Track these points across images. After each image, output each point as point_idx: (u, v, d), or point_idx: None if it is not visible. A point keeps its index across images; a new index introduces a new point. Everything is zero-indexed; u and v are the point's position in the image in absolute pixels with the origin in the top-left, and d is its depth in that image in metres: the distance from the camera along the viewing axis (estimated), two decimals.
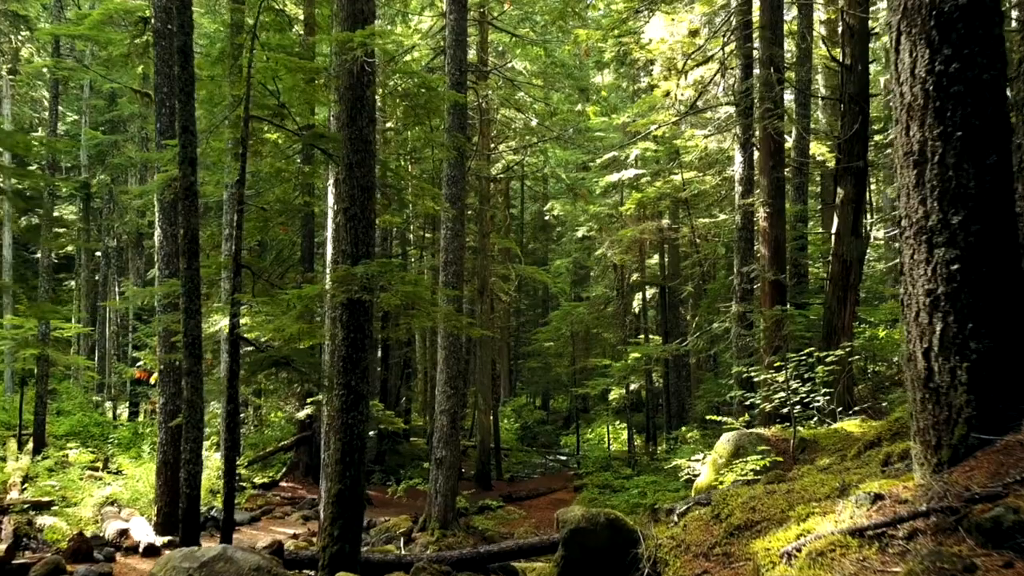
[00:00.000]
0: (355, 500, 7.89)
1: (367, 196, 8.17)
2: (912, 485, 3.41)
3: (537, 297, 44.83)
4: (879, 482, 3.54)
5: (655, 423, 27.89)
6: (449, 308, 8.32)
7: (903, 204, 3.74)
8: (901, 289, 3.81)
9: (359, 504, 7.94)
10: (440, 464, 15.23)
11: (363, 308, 7.90)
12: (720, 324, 15.17)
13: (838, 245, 13.43)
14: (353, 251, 8.00)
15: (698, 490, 9.95)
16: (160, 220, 13.45)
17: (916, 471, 3.56)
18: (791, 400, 9.51)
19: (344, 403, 7.93)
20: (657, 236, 24.26)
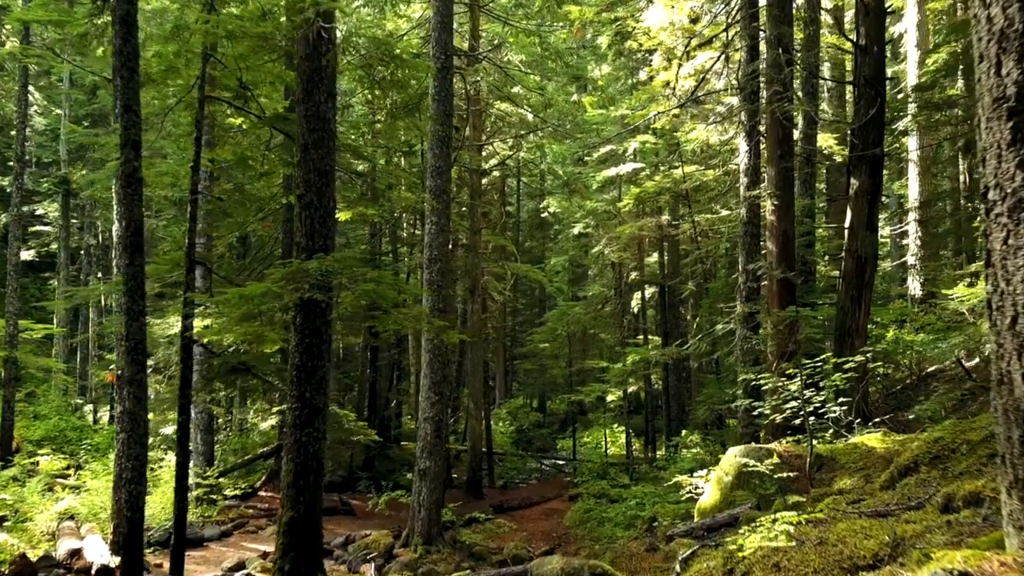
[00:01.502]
0: (310, 529, 6.88)
1: (325, 181, 7.17)
2: (1010, 559, 2.44)
3: (534, 296, 43.79)
4: (959, 555, 2.56)
5: (654, 426, 26.86)
6: (421, 309, 7.32)
7: (990, 170, 2.74)
8: (987, 286, 2.80)
9: (315, 534, 6.94)
10: (424, 475, 14.23)
11: (319, 309, 6.91)
12: (723, 326, 14.16)
13: (852, 240, 12.43)
14: (309, 244, 7.01)
15: (701, 511, 8.94)
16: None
17: (1011, 536, 2.59)
18: (805, 411, 8.50)
19: (298, 418, 6.93)
20: (656, 233, 23.23)
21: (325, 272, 6.63)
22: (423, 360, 14.43)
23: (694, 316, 25.04)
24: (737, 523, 7.63)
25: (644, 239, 24.83)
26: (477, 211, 21.35)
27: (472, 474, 21.18)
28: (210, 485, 15.39)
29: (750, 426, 12.47)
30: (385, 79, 8.67)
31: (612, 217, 25.22)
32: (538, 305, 43.39)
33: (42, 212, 36.21)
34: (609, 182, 25.34)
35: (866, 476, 7.51)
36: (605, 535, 16.07)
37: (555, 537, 17.10)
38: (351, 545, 13.97)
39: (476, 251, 21.12)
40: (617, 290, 27.38)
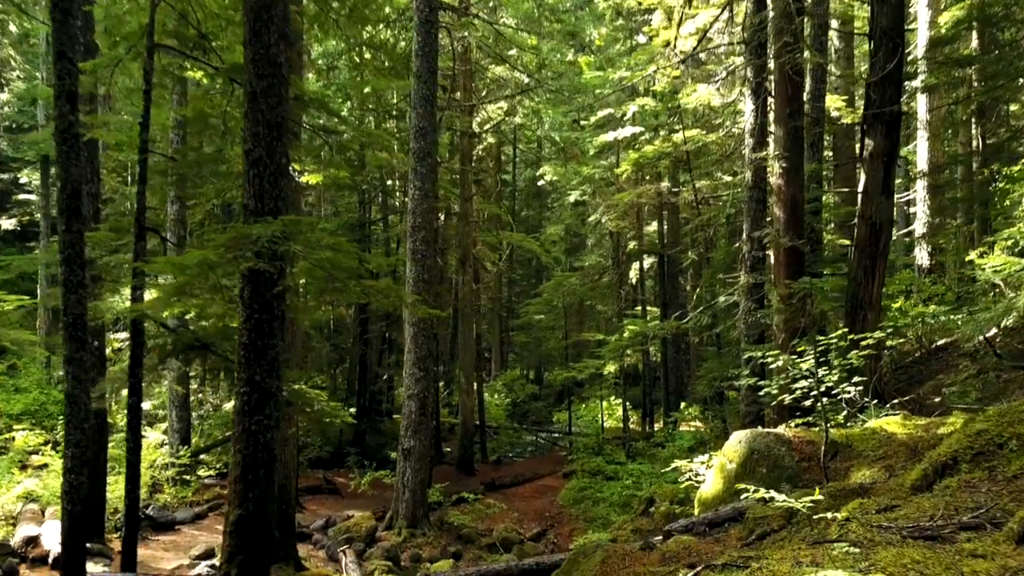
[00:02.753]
0: (261, 529, 6.09)
1: (275, 135, 6.27)
2: None
3: (531, 267, 42.87)
4: None
5: (652, 399, 26.13)
6: (386, 281, 6.48)
7: None
8: None
9: (266, 534, 6.14)
10: (408, 455, 13.49)
11: (271, 282, 6.06)
12: (726, 298, 13.31)
13: (865, 206, 11.53)
14: (257, 206, 6.13)
15: (702, 502, 8.15)
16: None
17: None
18: (818, 393, 7.67)
19: (246, 404, 6.11)
20: (656, 200, 22.30)
21: (273, 238, 5.76)
22: (407, 334, 13.62)
23: (694, 287, 24.17)
24: (743, 518, 6.84)
25: (643, 207, 23.91)
26: (468, 177, 20.40)
27: (463, 450, 20.47)
28: (184, 465, 14.64)
29: (753, 404, 11.69)
30: (342, 15, 7.72)
31: (610, 184, 24.28)
32: (535, 276, 42.50)
33: (25, 180, 35.17)
34: (607, 147, 24.33)
35: (888, 467, 6.71)
36: (599, 515, 15.38)
37: (548, 517, 16.41)
38: (331, 528, 13.25)
39: (467, 219, 20.21)
40: (615, 260, 26.50)
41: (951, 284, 19.14)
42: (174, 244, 8.36)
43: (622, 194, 21.49)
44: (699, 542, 6.62)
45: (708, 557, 6.16)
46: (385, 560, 11.76)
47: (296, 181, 10.44)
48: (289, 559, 10.43)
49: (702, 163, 19.89)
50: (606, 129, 23.28)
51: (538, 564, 7.20)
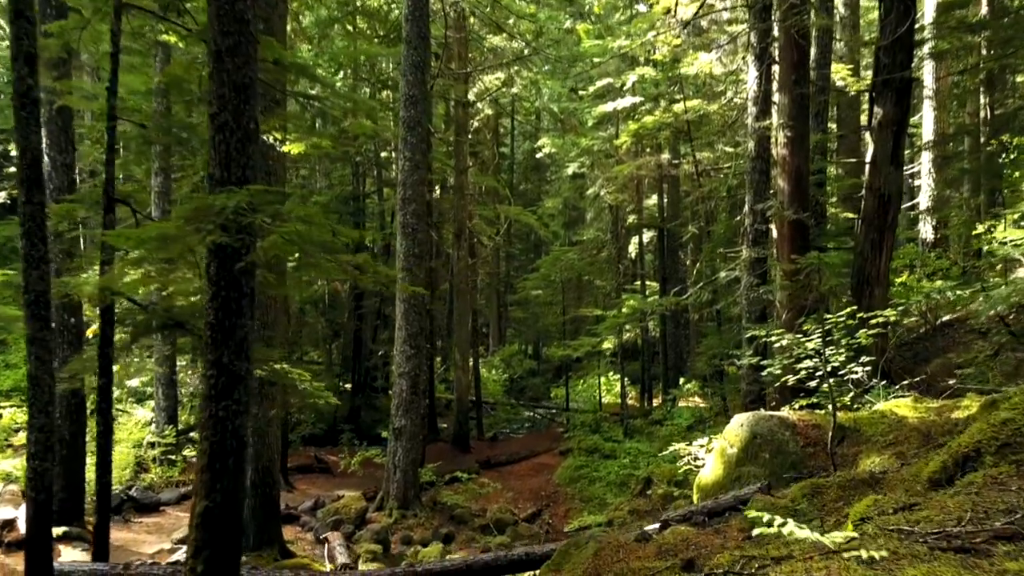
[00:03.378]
0: (229, 522, 5.69)
1: (243, 98, 5.78)
2: None
3: (530, 241, 42.33)
4: None
5: (651, 375, 25.77)
6: (364, 257, 6.01)
7: None
8: None
9: (235, 528, 5.75)
10: (399, 435, 13.12)
11: (238, 256, 5.62)
12: (727, 273, 12.86)
13: (874, 176, 11.05)
14: (223, 175, 5.66)
15: (702, 488, 7.77)
16: (48, 145, 11.03)
17: None
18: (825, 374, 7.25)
19: (213, 388, 5.68)
20: (655, 173, 21.77)
21: (238, 210, 5.30)
22: (398, 311, 13.21)
23: (694, 261, 23.71)
24: (745, 508, 6.45)
25: (643, 179, 23.39)
26: (464, 149, 19.87)
27: (458, 427, 20.14)
28: (170, 444, 14.28)
29: (755, 383, 11.30)
30: None
31: (609, 156, 23.74)
32: (533, 250, 42.00)
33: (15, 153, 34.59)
34: (606, 118, 23.76)
35: (899, 454, 6.32)
36: (596, 495, 15.06)
37: (543, 496, 16.09)
38: (320, 510, 12.91)
39: (463, 192, 19.71)
40: (614, 234, 26.02)
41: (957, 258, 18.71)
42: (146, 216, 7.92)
43: (621, 166, 20.97)
44: (698, 533, 6.24)
45: (708, 551, 5.78)
46: (374, 543, 11.44)
47: (278, 151, 9.96)
48: (273, 543, 10.09)
49: (703, 134, 19.35)
50: (605, 100, 22.68)
51: (528, 554, 6.84)
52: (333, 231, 5.53)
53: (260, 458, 10.10)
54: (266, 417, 10.05)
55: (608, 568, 5.99)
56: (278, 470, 10.41)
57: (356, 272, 6.05)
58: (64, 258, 10.96)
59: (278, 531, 10.31)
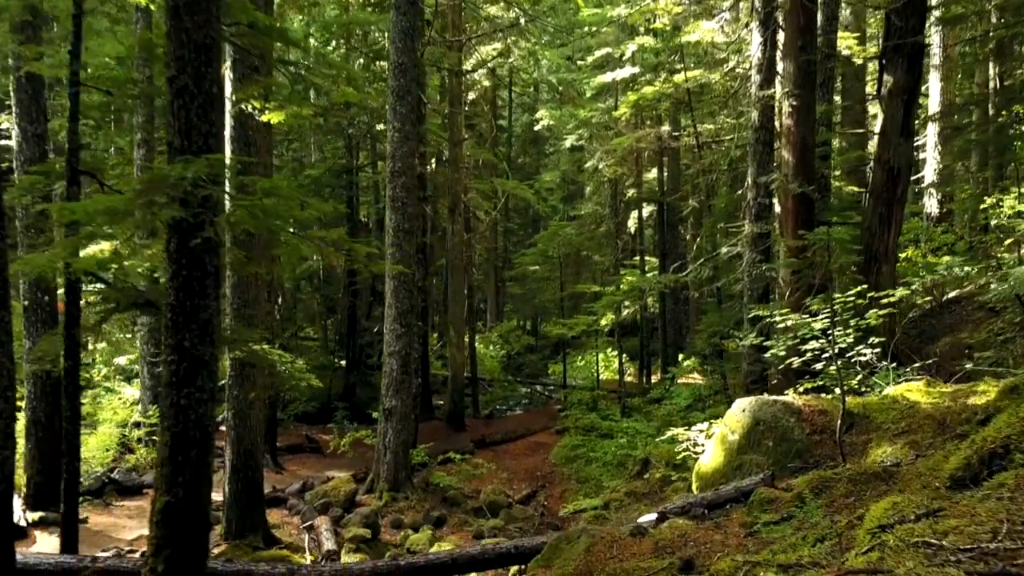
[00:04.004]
0: (194, 519, 5.30)
1: (204, 59, 5.30)
2: None
3: (528, 216, 41.72)
4: None
5: (650, 351, 25.39)
6: (339, 232, 5.56)
7: None
8: None
9: (200, 524, 5.35)
10: (390, 415, 12.75)
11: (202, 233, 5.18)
12: (729, 249, 12.41)
13: (883, 148, 10.59)
14: (183, 144, 5.19)
15: (701, 476, 7.38)
16: (18, 115, 10.52)
17: None
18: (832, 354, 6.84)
19: (174, 375, 5.26)
20: (655, 145, 21.21)
21: (196, 181, 4.85)
22: (387, 288, 12.78)
23: (695, 236, 23.24)
24: (746, 499, 6.07)
25: (642, 152, 22.82)
26: (458, 120, 19.31)
27: (453, 406, 19.78)
28: (155, 425, 13.87)
29: (756, 363, 10.88)
30: None
31: (607, 128, 23.18)
32: (532, 225, 41.43)
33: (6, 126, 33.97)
34: (605, 89, 23.17)
35: (912, 444, 5.91)
36: (592, 476, 14.72)
37: (539, 477, 15.76)
38: (308, 492, 12.56)
39: (457, 165, 19.19)
40: (613, 208, 25.53)
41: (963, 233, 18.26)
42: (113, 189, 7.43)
43: (620, 139, 20.43)
44: (697, 528, 5.86)
45: (708, 549, 5.39)
46: (363, 528, 11.08)
47: (257, 120, 9.46)
48: (257, 529, 9.74)
49: (704, 104, 18.78)
50: (604, 70, 22.08)
51: (516, 548, 6.46)
52: (302, 204, 5.07)
53: (242, 441, 9.72)
54: (247, 399, 9.65)
55: (601, 567, 5.60)
56: (261, 453, 10.04)
57: (331, 249, 5.61)
58: (35, 233, 10.49)
59: (262, 516, 9.95)
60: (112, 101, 7.65)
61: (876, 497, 4.96)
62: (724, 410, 14.58)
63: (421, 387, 20.35)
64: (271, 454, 14.94)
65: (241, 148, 9.66)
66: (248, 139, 9.68)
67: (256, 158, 9.87)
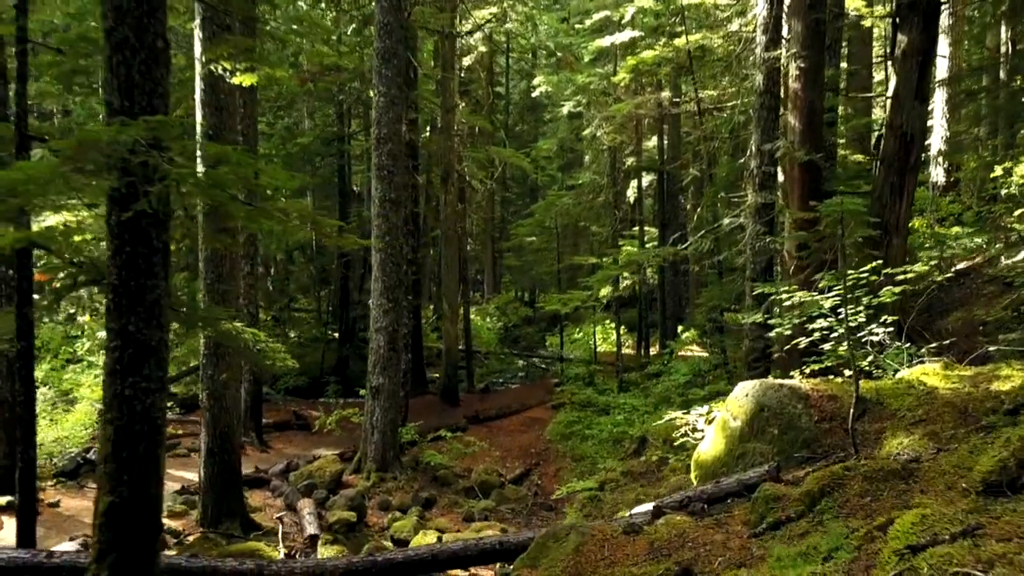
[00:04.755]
0: (140, 521, 4.81)
1: (147, 10, 4.71)
2: None
3: (526, 185, 40.99)
4: None
5: (648, 323, 24.89)
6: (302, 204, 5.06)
7: None
8: None
9: (148, 528, 4.87)
10: (377, 393, 12.29)
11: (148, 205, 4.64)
12: (731, 220, 11.84)
13: (895, 113, 9.98)
14: (124, 104, 4.63)
15: (700, 464, 6.90)
16: None
17: None
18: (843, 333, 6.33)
19: (118, 362, 4.75)
20: (655, 112, 20.53)
21: (135, 147, 4.29)
22: (374, 261, 12.24)
23: (695, 206, 22.64)
24: (749, 493, 5.59)
25: (642, 120, 22.14)
26: (451, 85, 18.62)
27: (447, 380, 19.33)
28: None
29: (759, 340, 10.37)
30: None
31: (606, 94, 22.47)
32: (529, 195, 40.70)
33: None
34: (603, 54, 22.42)
35: (931, 434, 5.42)
36: (588, 453, 14.29)
37: (533, 454, 15.34)
38: (292, 473, 12.12)
39: (450, 132, 18.54)
40: (612, 177, 24.87)
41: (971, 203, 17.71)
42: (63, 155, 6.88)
43: (619, 105, 19.73)
44: (696, 525, 5.38)
45: (708, 552, 4.91)
46: (348, 511, 10.65)
47: (229, 83, 8.85)
48: (235, 515, 9.30)
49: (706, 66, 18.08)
50: (603, 34, 21.30)
51: (501, 543, 6.01)
52: (257, 172, 4.52)
53: (218, 423, 9.25)
54: (222, 378, 9.16)
55: (591, 569, 5.13)
56: (239, 435, 9.58)
57: (294, 223, 5.06)
58: None
59: (240, 501, 9.51)
60: (66, 61, 7.07)
61: (895, 498, 4.47)
62: (724, 386, 14.19)
63: (413, 361, 19.90)
64: (256, 432, 14.51)
65: (213, 113, 9.07)
66: (220, 103, 9.09)
67: (229, 123, 9.27)
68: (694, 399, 13.89)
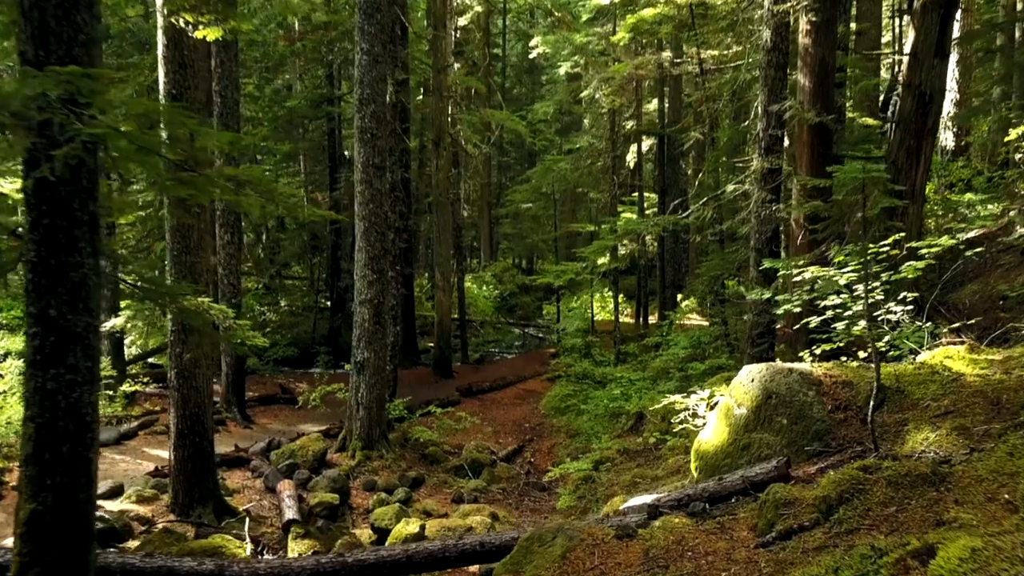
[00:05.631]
0: (67, 531, 4.25)
1: None
2: None
3: (524, 149, 40.11)
4: None
5: (647, 290, 24.28)
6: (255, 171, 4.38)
7: None
8: None
9: (77, 538, 4.31)
10: (362, 368, 11.73)
11: (69, 169, 4.02)
12: (735, 186, 11.18)
13: (913, 71, 9.29)
14: (37, 54, 3.98)
15: (701, 455, 6.34)
16: None
17: None
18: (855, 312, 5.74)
19: (38, 352, 4.16)
20: (656, 73, 19.71)
21: (48, 102, 3.66)
22: (357, 230, 11.61)
23: (696, 171, 21.90)
24: (757, 494, 5.03)
25: (642, 81, 21.32)
26: (442, 45, 17.81)
27: (440, 352, 18.80)
28: (108, 377, 12.88)
29: (764, 314, 9.78)
30: None
31: (605, 54, 21.61)
32: (528, 159, 39.85)
33: None
34: (602, 12, 21.50)
35: (961, 428, 4.84)
36: (584, 429, 13.78)
37: (527, 429, 14.86)
38: (274, 451, 11.61)
39: (441, 94, 17.77)
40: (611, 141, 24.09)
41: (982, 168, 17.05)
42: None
43: (619, 66, 18.92)
44: (696, 530, 4.83)
45: (710, 563, 4.37)
46: (331, 493, 10.16)
47: (193, 37, 8.16)
48: (207, 500, 8.79)
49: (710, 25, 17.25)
50: None
51: (482, 544, 5.48)
52: (193, 134, 3.89)
53: (187, 403, 8.69)
54: (192, 357, 8.59)
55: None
56: (210, 416, 9.02)
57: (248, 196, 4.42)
58: None
59: (213, 485, 8.99)
60: None
61: (925, 509, 3.91)
62: (725, 360, 13.63)
63: (405, 332, 19.36)
64: (239, 407, 13.99)
65: (176, 70, 8.37)
66: (184, 60, 8.38)
67: (195, 82, 8.58)
68: (694, 373, 13.34)
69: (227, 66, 13.07)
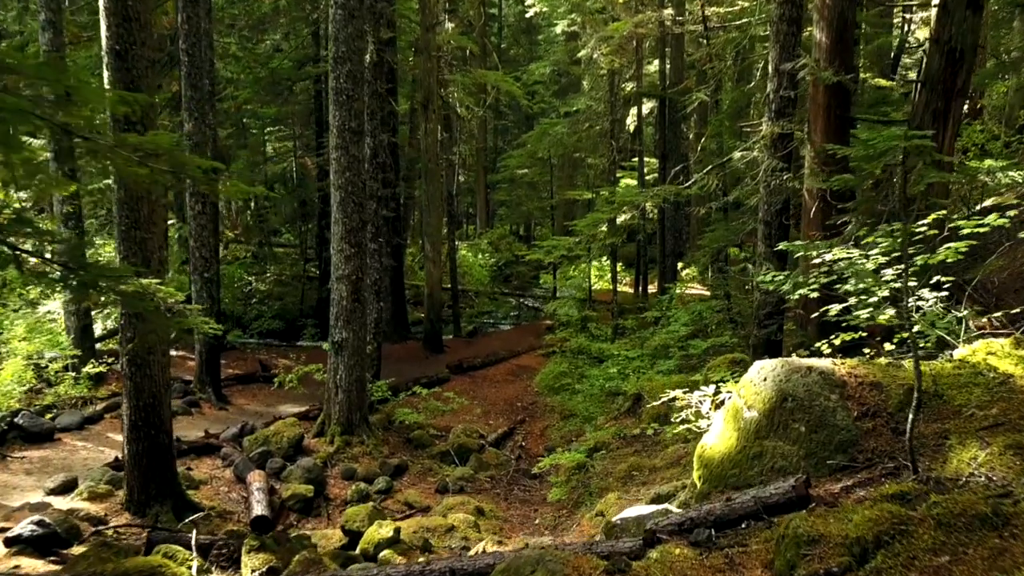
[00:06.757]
0: None
1: None
2: None
3: (522, 113, 38.92)
4: None
5: (647, 259, 23.44)
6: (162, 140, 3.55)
7: None
8: None
9: None
10: (340, 349, 10.97)
11: None
12: (743, 152, 10.30)
13: (941, 26, 8.38)
14: None
15: (706, 463, 5.57)
16: None
17: None
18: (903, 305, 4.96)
19: None
20: (657, 32, 18.67)
21: None
22: (333, 201, 10.78)
23: (698, 135, 20.93)
24: (771, 517, 4.27)
25: (642, 40, 20.26)
26: (430, 0, 16.77)
27: (431, 325, 18.05)
28: (73, 356, 12.13)
29: (771, 294, 8.96)
30: None
31: (603, 12, 20.54)
32: (526, 123, 38.69)
33: None
34: None
35: (1018, 447, 4.06)
36: (579, 410, 13.05)
37: (519, 409, 14.15)
38: (246, 438, 10.88)
39: (429, 54, 16.78)
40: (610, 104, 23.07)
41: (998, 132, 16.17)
42: None
43: (618, 24, 17.88)
44: (700, 565, 4.08)
45: None
46: (305, 484, 9.49)
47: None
48: (166, 498, 8.07)
49: None
50: None
51: (452, 570, 4.74)
52: (68, 91, 3.06)
53: (141, 393, 7.93)
54: (145, 343, 7.80)
55: None
56: (168, 405, 8.24)
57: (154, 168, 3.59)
58: None
59: (172, 481, 8.26)
60: None
61: (988, 561, 3.15)
62: (728, 338, 12.82)
63: (394, 306, 18.60)
64: (213, 387, 13.27)
65: (120, 24, 7.48)
66: (128, 13, 7.48)
67: (143, 38, 7.67)
68: (695, 352, 12.60)
69: (194, 22, 12.13)
